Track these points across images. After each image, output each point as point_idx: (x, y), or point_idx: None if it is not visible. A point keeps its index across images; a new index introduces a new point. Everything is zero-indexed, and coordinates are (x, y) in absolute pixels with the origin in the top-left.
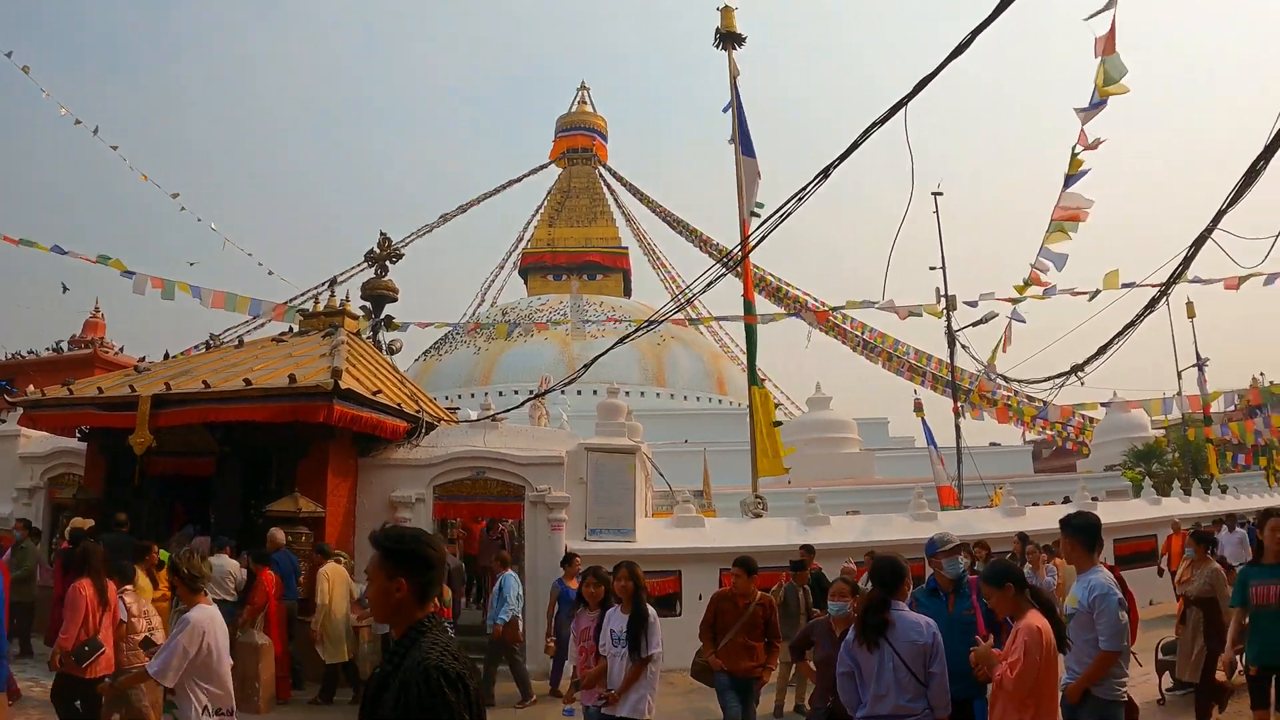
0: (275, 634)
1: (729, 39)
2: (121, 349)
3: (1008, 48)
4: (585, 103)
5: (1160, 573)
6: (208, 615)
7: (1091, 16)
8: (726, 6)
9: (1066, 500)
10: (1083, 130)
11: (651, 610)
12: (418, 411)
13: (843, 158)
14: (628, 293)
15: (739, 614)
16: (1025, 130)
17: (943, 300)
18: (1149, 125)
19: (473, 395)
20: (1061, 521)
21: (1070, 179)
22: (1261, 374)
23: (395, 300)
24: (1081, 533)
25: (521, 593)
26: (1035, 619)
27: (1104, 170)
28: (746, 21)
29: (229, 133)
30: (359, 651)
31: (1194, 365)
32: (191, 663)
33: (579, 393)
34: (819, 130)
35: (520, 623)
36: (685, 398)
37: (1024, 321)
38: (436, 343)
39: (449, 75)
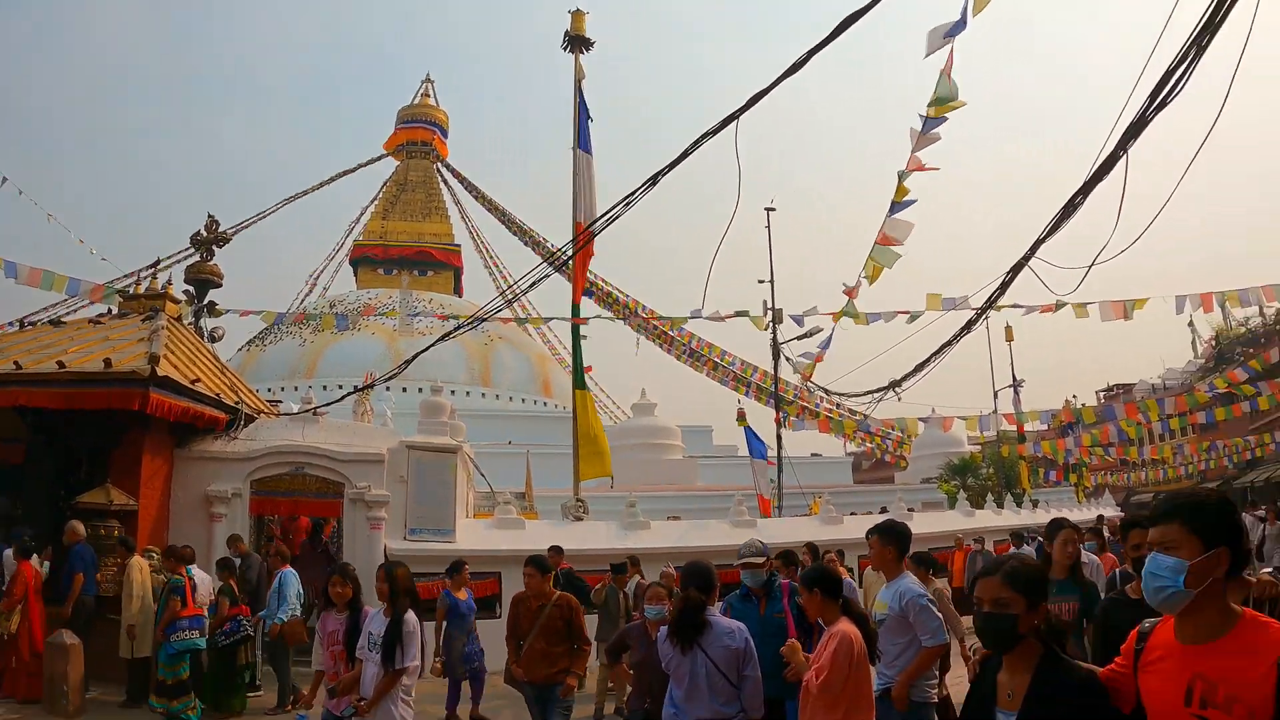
0: (37, 631)
1: (577, 42)
2: None
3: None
4: (429, 96)
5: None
6: None
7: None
8: (578, 10)
9: (884, 510)
10: (913, 155)
11: (412, 618)
12: (237, 403)
13: (671, 166)
14: (458, 291)
15: (534, 617)
16: (861, 152)
17: (769, 313)
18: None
19: (296, 388)
20: (872, 530)
21: (895, 205)
22: (1074, 396)
23: (220, 286)
24: (893, 540)
25: (302, 590)
26: (846, 625)
27: (938, 198)
28: (598, 28)
29: (52, 100)
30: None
31: (1010, 386)
32: None
33: (404, 390)
34: (667, 139)
35: (303, 623)
36: (511, 399)
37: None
38: (261, 333)
39: (288, 55)
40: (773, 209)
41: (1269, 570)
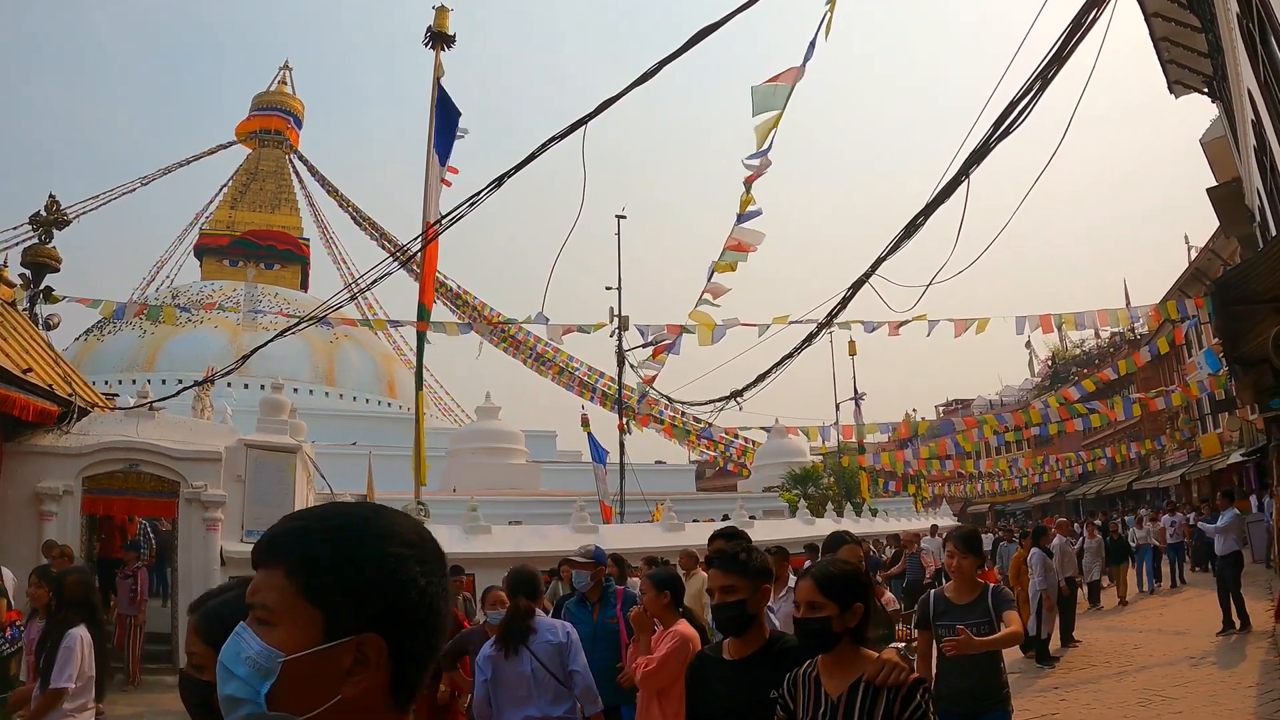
0: None
1: (439, 39)
2: None
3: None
4: (285, 83)
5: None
6: None
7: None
8: (442, 6)
9: (725, 518)
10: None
11: (74, 633)
12: (71, 395)
13: (518, 168)
14: (305, 287)
15: None
16: (714, 163)
17: (615, 320)
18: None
19: (134, 381)
20: (712, 535)
21: (741, 216)
22: (914, 410)
23: (58, 270)
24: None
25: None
26: (686, 628)
27: (795, 217)
28: (465, 30)
29: None
30: None
31: (851, 399)
32: None
33: (246, 387)
34: (529, 143)
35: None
36: (355, 399)
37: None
38: (100, 322)
39: (137, 31)
40: (623, 216)
41: (899, 646)
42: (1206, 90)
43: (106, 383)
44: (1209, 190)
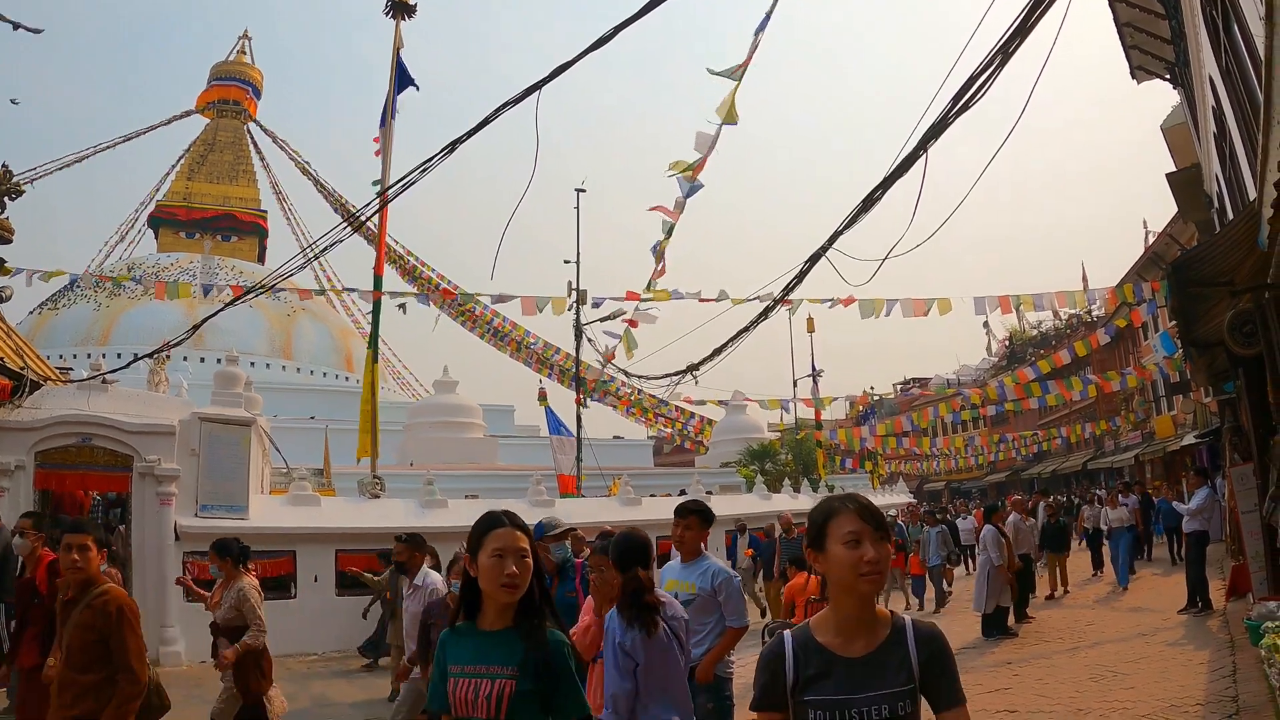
0: None
1: (399, 8)
2: None
3: (665, 56)
4: (244, 53)
5: None
6: None
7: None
8: None
9: (683, 493)
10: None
11: None
12: (23, 368)
13: (470, 134)
14: (262, 259)
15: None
16: (669, 135)
17: (573, 294)
18: (795, 159)
19: (89, 355)
20: (680, 508)
21: (690, 188)
22: (872, 387)
23: (10, 242)
24: (705, 519)
25: None
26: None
27: (756, 193)
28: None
29: None
30: None
31: (809, 375)
32: None
33: (202, 360)
34: (483, 111)
35: None
36: (312, 372)
37: (654, 320)
38: (54, 295)
39: None
40: (583, 190)
41: None
42: (1169, 76)
43: (61, 356)
44: (1168, 175)
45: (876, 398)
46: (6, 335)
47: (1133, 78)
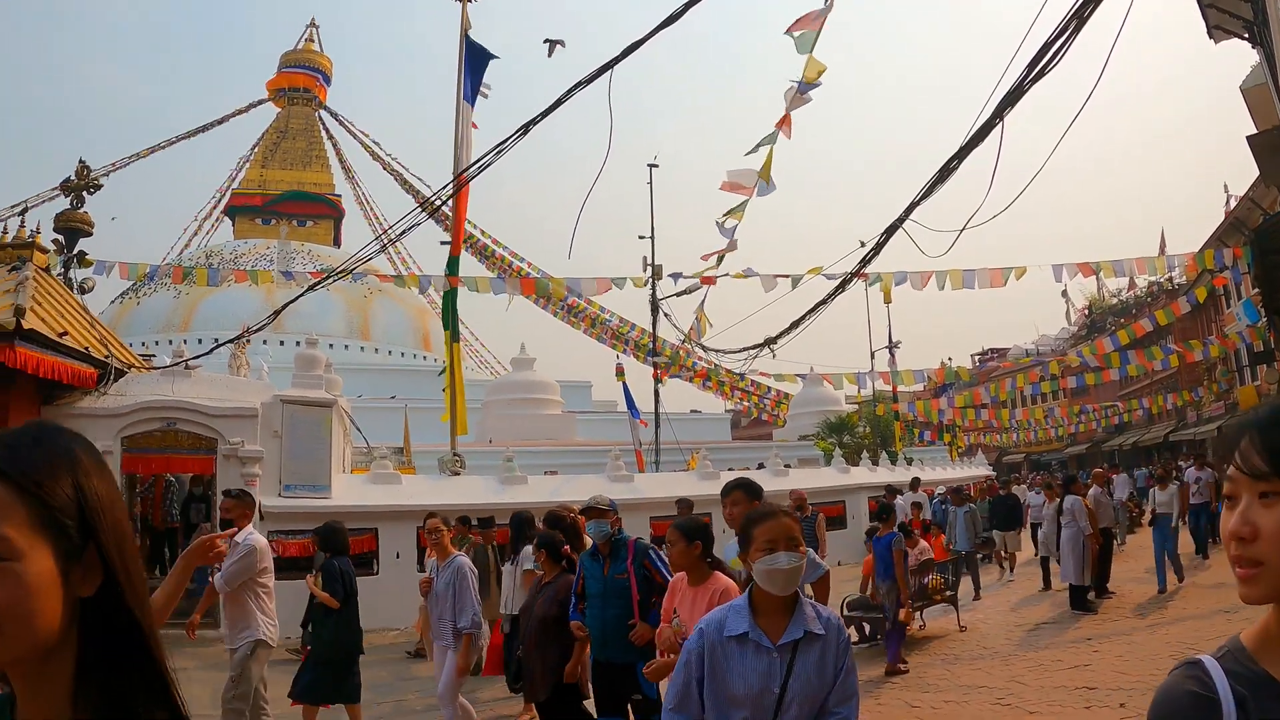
0: None
1: None
2: None
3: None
4: (313, 41)
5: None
6: None
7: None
8: None
9: (761, 466)
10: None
11: None
12: (107, 357)
13: (545, 114)
14: (337, 243)
15: None
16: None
17: (649, 269)
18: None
19: (170, 342)
20: (725, 487)
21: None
22: (949, 358)
23: (90, 235)
24: (750, 492)
25: None
26: (729, 582)
27: (843, 167)
28: None
29: None
30: None
31: (886, 347)
32: None
33: (282, 344)
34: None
35: None
36: (390, 353)
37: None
38: (134, 285)
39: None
40: (656, 165)
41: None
42: (1247, 36)
43: (143, 344)
44: (1249, 138)
45: (955, 369)
46: (90, 325)
47: (1210, 37)
